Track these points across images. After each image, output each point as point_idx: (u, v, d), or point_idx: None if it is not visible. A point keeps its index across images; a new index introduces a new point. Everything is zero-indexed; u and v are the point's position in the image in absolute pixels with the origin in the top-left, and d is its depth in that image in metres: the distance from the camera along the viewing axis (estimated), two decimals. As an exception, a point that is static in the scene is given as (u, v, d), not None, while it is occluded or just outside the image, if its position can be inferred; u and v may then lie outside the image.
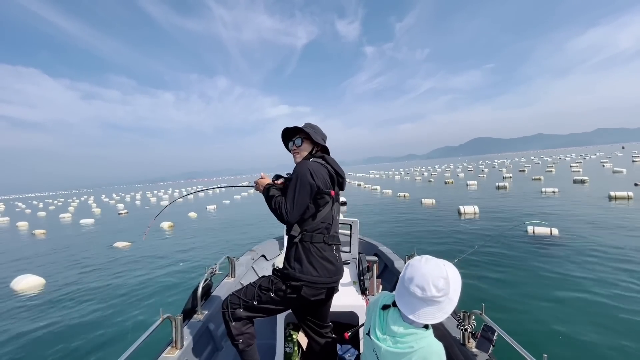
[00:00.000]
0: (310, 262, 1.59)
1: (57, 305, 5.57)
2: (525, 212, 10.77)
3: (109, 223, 18.10)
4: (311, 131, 1.75)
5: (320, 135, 1.81)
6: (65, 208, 34.15)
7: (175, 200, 3.20)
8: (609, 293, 4.34)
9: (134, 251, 9.67)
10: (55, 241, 13.11)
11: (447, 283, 1.12)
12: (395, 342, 1.15)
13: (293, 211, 1.55)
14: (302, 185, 1.55)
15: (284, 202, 1.57)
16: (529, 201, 13.22)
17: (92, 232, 14.90)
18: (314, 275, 1.58)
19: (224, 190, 47.32)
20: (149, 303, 5.25)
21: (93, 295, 5.95)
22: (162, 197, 41.64)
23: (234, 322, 1.64)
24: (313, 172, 1.58)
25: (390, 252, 3.64)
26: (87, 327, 4.52)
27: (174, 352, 1.79)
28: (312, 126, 1.80)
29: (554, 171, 29.42)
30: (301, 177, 1.56)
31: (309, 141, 1.78)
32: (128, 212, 23.43)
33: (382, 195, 20.56)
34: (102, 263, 8.48)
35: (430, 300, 1.12)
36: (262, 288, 1.65)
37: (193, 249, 9.27)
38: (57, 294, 6.21)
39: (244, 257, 3.72)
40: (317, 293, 1.61)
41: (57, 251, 10.86)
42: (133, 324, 4.49)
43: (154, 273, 7.02)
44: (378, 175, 53.73)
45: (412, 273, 1.14)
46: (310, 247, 1.61)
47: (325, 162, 1.71)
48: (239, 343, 1.65)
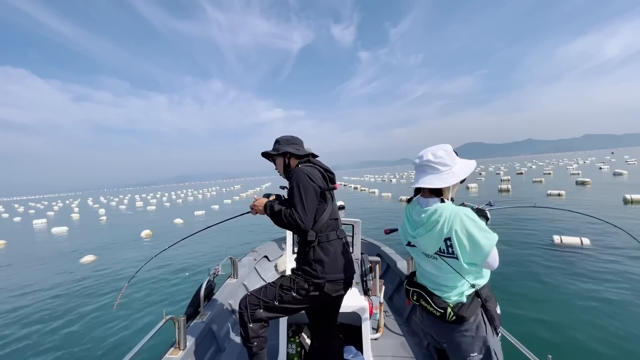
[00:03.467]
0: (331, 260, 1.64)
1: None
2: (537, 217, 9.87)
3: (83, 232, 16.60)
4: (272, 151, 1.82)
5: (291, 145, 1.81)
6: (44, 213, 32.31)
7: (155, 256, 2.34)
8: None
9: (98, 266, 8.37)
10: (8, 257, 11.63)
11: (447, 155, 1.27)
12: (426, 228, 1.24)
13: (307, 217, 1.56)
14: (305, 190, 1.58)
15: (295, 212, 1.55)
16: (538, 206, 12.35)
17: (57, 243, 13.47)
18: (335, 273, 1.63)
19: (215, 194, 46.10)
20: (151, 304, 5.15)
21: (91, 298, 5.71)
22: (150, 201, 40.02)
23: (252, 324, 1.62)
24: (310, 175, 1.63)
25: (392, 253, 3.64)
26: (89, 330, 4.41)
27: (177, 353, 1.81)
28: (279, 142, 1.82)
29: (552, 174, 29.65)
30: (302, 182, 1.59)
31: (281, 157, 1.82)
32: (107, 219, 21.89)
33: (381, 200, 19.68)
34: (53, 284, 7.18)
35: (427, 167, 1.27)
36: (283, 287, 1.65)
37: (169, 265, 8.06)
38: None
39: (247, 258, 3.72)
40: (338, 288, 1.65)
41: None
42: (136, 325, 4.42)
43: (153, 273, 6.72)
44: (373, 178, 53.20)
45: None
46: (328, 247, 1.65)
47: (313, 164, 1.77)
48: (253, 346, 1.63)
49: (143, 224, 16.05)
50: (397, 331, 2.65)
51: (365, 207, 16.18)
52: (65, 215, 27.89)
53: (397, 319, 2.86)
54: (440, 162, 1.24)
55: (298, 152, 1.78)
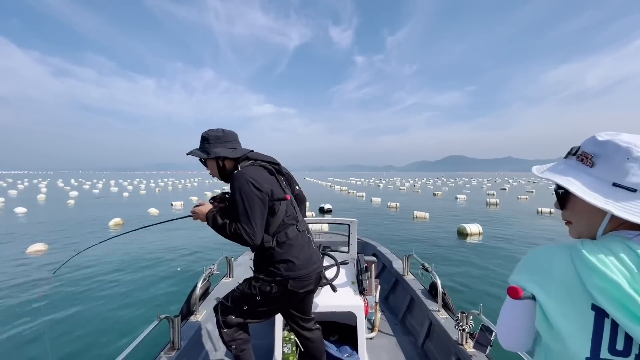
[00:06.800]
0: (293, 257, 1.52)
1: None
2: (532, 233, 9.62)
3: (44, 216, 15.07)
4: (199, 153, 1.57)
5: (222, 144, 1.56)
6: (5, 191, 29.69)
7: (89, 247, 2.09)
8: None
9: (45, 258, 7.24)
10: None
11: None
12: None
13: (256, 231, 1.42)
14: (250, 200, 1.42)
15: (241, 227, 1.41)
16: (531, 220, 12.24)
17: (9, 226, 12.02)
18: (300, 269, 1.52)
19: (196, 184, 44.34)
20: (146, 303, 4.96)
21: (89, 296, 5.31)
22: (126, 187, 37.89)
23: (225, 329, 1.58)
24: (255, 181, 1.44)
25: (388, 253, 3.69)
26: (82, 329, 4.17)
27: (171, 353, 1.81)
28: (208, 140, 1.56)
29: (534, 192, 30.72)
30: (245, 192, 1.41)
31: (210, 160, 1.60)
32: (75, 202, 20.20)
33: (370, 204, 19.20)
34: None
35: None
36: (245, 293, 1.56)
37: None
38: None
39: (242, 257, 3.75)
40: (305, 284, 1.56)
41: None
42: (130, 325, 4.26)
43: (148, 272, 6.34)
44: (360, 182, 53.13)
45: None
46: (290, 244, 1.54)
47: (254, 160, 1.58)
48: (232, 349, 1.63)
49: (114, 212, 14.73)
50: (392, 331, 2.66)
51: (357, 212, 15.61)
52: (31, 195, 25.69)
53: (392, 319, 2.88)
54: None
55: (233, 155, 1.56)
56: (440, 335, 2.10)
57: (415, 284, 2.85)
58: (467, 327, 1.77)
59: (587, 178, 0.61)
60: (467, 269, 6.27)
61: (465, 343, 1.79)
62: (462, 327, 1.78)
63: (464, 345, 1.79)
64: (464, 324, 1.77)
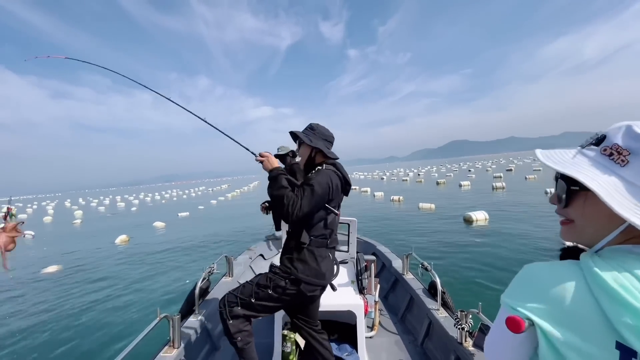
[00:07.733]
0: (314, 264, 1.62)
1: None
2: (542, 216, 9.40)
3: (49, 239, 15.22)
4: (304, 137, 1.70)
5: (324, 141, 1.73)
6: (16, 216, 30.12)
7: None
8: None
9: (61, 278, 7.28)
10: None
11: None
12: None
13: (303, 212, 1.49)
14: (321, 190, 1.53)
15: (297, 202, 1.48)
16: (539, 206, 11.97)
17: (22, 250, 12.13)
18: (315, 277, 1.62)
19: (200, 193, 44.56)
20: (146, 302, 5.02)
21: (88, 296, 5.50)
22: (132, 202, 38.24)
23: (231, 320, 1.62)
24: (331, 183, 1.59)
25: (388, 252, 3.69)
26: (82, 328, 4.26)
27: (171, 352, 1.82)
28: (313, 130, 1.73)
29: (542, 169, 30.09)
30: (321, 184, 1.54)
31: (305, 146, 1.73)
32: (82, 222, 20.39)
33: (373, 199, 19.06)
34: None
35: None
36: (260, 285, 1.65)
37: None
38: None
39: (242, 257, 3.77)
40: (314, 289, 1.65)
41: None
42: (130, 324, 4.32)
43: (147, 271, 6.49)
44: (363, 176, 52.93)
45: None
46: (315, 252, 1.64)
47: (337, 170, 1.70)
48: (237, 341, 1.64)
49: (120, 228, 14.79)
50: (391, 330, 2.68)
51: (361, 210, 15.47)
52: (38, 218, 26.05)
53: (392, 318, 2.88)
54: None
55: (327, 154, 1.71)
56: (439, 334, 2.13)
57: (415, 283, 2.85)
58: (467, 326, 1.78)
59: (614, 178, 0.48)
60: (471, 264, 6.11)
61: (465, 342, 1.80)
62: (461, 326, 1.79)
63: (463, 344, 1.80)
64: (463, 323, 1.79)
